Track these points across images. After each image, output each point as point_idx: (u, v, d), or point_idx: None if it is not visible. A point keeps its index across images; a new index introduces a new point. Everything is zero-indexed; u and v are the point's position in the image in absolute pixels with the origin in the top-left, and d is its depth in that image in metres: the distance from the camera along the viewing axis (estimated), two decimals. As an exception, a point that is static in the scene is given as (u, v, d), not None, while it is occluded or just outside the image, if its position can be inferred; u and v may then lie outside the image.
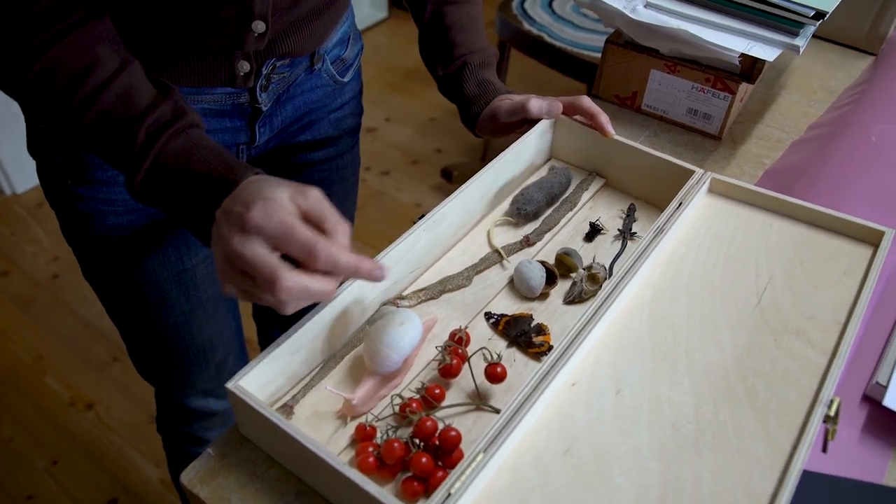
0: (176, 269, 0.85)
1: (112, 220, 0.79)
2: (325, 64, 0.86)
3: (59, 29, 0.58)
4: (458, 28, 0.84)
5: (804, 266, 0.68)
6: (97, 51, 0.60)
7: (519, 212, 0.77)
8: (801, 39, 0.83)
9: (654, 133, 0.95)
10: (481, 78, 0.85)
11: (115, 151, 0.60)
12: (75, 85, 0.58)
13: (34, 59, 0.57)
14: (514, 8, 2.02)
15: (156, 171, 0.60)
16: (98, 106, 0.59)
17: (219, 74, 0.73)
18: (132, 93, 0.60)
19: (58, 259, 2.10)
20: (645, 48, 0.92)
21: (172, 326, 0.89)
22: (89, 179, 0.76)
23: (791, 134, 0.97)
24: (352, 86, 0.93)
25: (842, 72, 1.10)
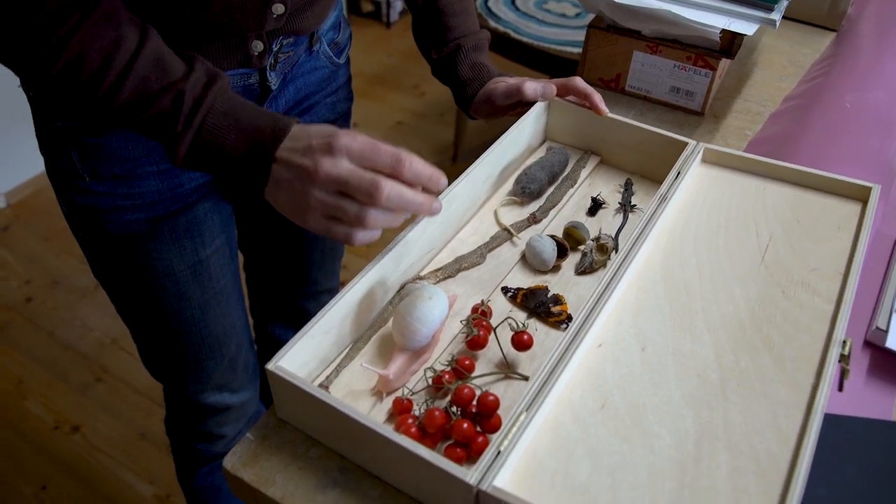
0: (191, 260, 0.86)
1: (130, 215, 0.80)
2: (323, 45, 0.88)
3: (78, 17, 0.58)
4: (450, 12, 0.87)
5: (801, 224, 0.72)
6: (119, 26, 0.60)
7: (523, 191, 0.79)
8: (777, 13, 0.87)
9: (639, 113, 0.98)
10: (475, 61, 0.87)
11: (159, 120, 0.61)
12: (107, 63, 0.59)
13: (60, 50, 0.58)
14: (478, 6, 2.05)
15: (208, 130, 0.62)
16: (134, 78, 0.60)
17: (234, 56, 0.74)
18: (164, 59, 0.62)
19: (30, 282, 2.06)
20: (627, 31, 0.95)
21: (189, 319, 0.89)
22: (108, 175, 0.77)
23: (768, 107, 1.01)
24: (344, 70, 0.96)
25: (807, 48, 1.16)
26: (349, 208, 0.58)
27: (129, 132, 0.74)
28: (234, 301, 0.94)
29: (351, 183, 0.57)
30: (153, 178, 0.78)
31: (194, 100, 0.61)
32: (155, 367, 0.97)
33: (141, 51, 0.60)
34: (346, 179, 0.57)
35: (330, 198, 0.58)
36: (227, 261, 0.91)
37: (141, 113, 0.61)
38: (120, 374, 1.83)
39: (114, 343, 1.90)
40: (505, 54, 1.96)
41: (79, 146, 0.75)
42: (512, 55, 1.94)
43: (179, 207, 0.81)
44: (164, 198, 0.79)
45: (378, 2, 3.24)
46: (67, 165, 0.76)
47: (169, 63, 0.62)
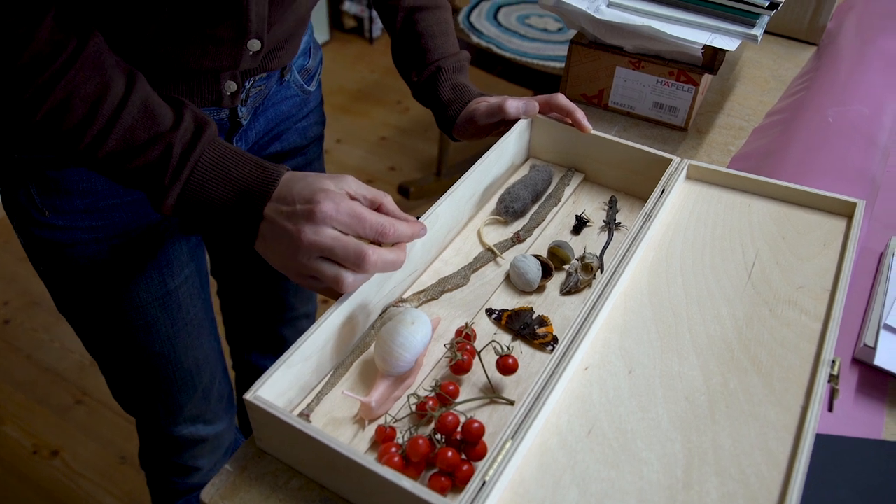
0: (159, 291, 0.84)
1: (93, 248, 0.77)
2: (293, 74, 0.87)
3: (62, 63, 0.57)
4: (430, 34, 0.86)
5: (786, 240, 0.71)
6: (106, 71, 0.59)
7: (507, 210, 0.78)
8: (758, 29, 0.87)
9: (622, 128, 0.98)
10: (456, 82, 0.86)
11: (146, 171, 0.60)
12: (93, 111, 0.58)
13: (44, 97, 0.56)
14: (460, 21, 2.05)
15: (196, 182, 0.61)
16: (121, 127, 0.59)
17: (206, 95, 0.73)
18: (152, 106, 0.61)
19: (7, 304, 2.02)
20: (609, 46, 0.95)
21: (158, 352, 0.87)
22: (69, 209, 0.75)
23: (751, 121, 1.01)
24: (315, 95, 0.95)
25: (789, 62, 1.16)
26: (328, 272, 0.58)
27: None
28: (206, 330, 0.92)
29: (336, 252, 0.58)
30: (118, 210, 0.76)
31: (182, 151, 0.60)
32: (126, 400, 0.95)
33: (129, 98, 0.59)
34: (330, 248, 0.58)
35: (313, 262, 0.58)
36: (198, 290, 0.89)
37: (127, 163, 0.60)
38: (100, 397, 1.80)
39: (93, 364, 1.87)
40: (487, 69, 1.96)
41: (38, 180, 0.73)
42: (494, 70, 1.93)
43: (146, 238, 0.79)
44: (130, 229, 0.78)
45: (360, 17, 3.24)
46: (26, 200, 0.74)
47: (157, 111, 0.61)
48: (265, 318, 1.15)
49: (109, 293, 0.81)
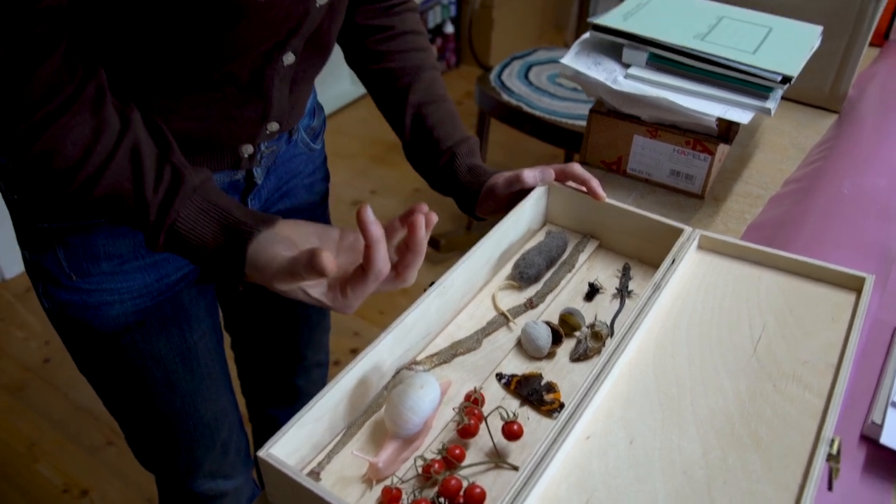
0: (180, 347, 0.87)
1: (118, 309, 0.81)
2: (300, 134, 0.92)
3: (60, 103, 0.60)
4: (439, 125, 0.89)
5: (794, 314, 0.72)
6: (101, 115, 0.62)
7: (521, 276, 0.81)
8: (772, 102, 0.89)
9: (640, 195, 1.00)
10: (470, 164, 0.89)
11: (129, 220, 0.65)
12: (84, 156, 0.61)
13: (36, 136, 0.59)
14: (491, 80, 2.11)
15: (172, 238, 0.65)
16: (107, 179, 0.62)
17: (224, 161, 0.78)
18: (140, 156, 0.64)
19: (49, 343, 2.10)
20: (627, 115, 0.98)
21: (179, 407, 0.90)
22: (95, 272, 0.79)
23: (769, 190, 1.02)
24: (320, 152, 1.00)
25: (809, 129, 1.17)
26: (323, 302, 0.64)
27: (115, 229, 0.77)
28: (224, 385, 0.96)
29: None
30: (140, 271, 0.80)
31: (157, 212, 0.64)
32: (146, 457, 0.97)
33: (119, 145, 0.63)
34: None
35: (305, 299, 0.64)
36: (215, 344, 0.93)
37: (114, 210, 0.65)
38: (131, 438, 1.84)
39: (127, 406, 1.92)
40: (517, 127, 2.00)
41: (65, 246, 0.77)
42: (523, 128, 1.98)
43: (166, 297, 0.83)
44: (151, 289, 0.82)
45: (398, 71, 3.32)
46: (53, 265, 0.78)
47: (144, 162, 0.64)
48: (278, 369, 1.18)
49: (132, 351, 0.84)
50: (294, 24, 0.69)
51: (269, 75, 0.72)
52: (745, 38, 0.97)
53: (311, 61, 0.78)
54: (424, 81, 0.91)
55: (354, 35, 0.92)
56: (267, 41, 0.68)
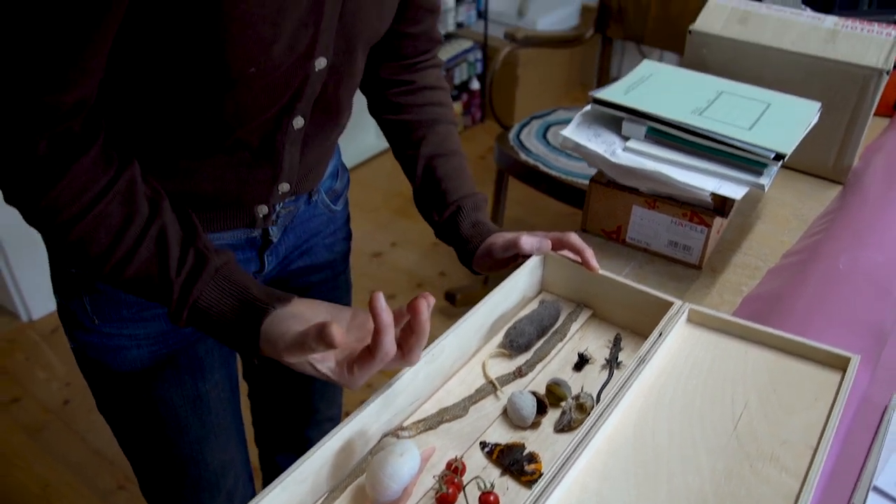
0: (191, 394, 0.91)
1: (135, 353, 0.86)
2: (321, 195, 0.95)
3: (94, 195, 0.65)
4: (448, 178, 0.93)
5: (777, 392, 0.73)
6: (133, 203, 0.68)
7: (512, 344, 0.83)
8: (766, 178, 0.91)
9: (638, 264, 1.02)
10: (474, 219, 0.92)
11: (156, 298, 0.70)
12: (115, 243, 0.66)
13: (74, 224, 0.65)
14: (510, 139, 2.15)
15: (194, 316, 0.69)
16: (136, 263, 0.67)
17: (240, 219, 0.82)
18: (165, 243, 0.69)
19: (70, 384, 2.14)
20: (626, 186, 1.00)
21: (187, 453, 0.93)
22: (115, 318, 0.83)
23: (767, 262, 1.03)
24: (342, 213, 1.03)
25: (813, 200, 1.18)
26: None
27: None
28: (234, 435, 0.98)
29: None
30: (157, 319, 0.84)
31: (180, 293, 0.69)
32: (154, 499, 1.00)
33: (147, 232, 0.68)
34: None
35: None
36: (228, 395, 0.95)
37: (143, 290, 0.70)
38: (142, 484, 1.87)
39: (141, 451, 1.95)
40: (534, 186, 2.03)
41: (90, 292, 0.82)
42: (539, 187, 2.01)
43: (181, 345, 0.87)
44: (167, 337, 0.86)
45: (424, 125, 3.39)
46: (78, 308, 0.83)
47: (170, 248, 0.69)
48: (291, 421, 1.21)
49: (145, 395, 0.88)
50: (295, 90, 0.73)
51: (280, 139, 0.76)
52: (743, 114, 0.99)
53: (322, 125, 0.82)
54: (439, 135, 0.95)
55: (377, 87, 0.96)
56: (270, 107, 0.72)
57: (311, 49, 0.71)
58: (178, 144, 0.73)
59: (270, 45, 0.66)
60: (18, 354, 2.24)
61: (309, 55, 0.71)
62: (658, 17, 2.29)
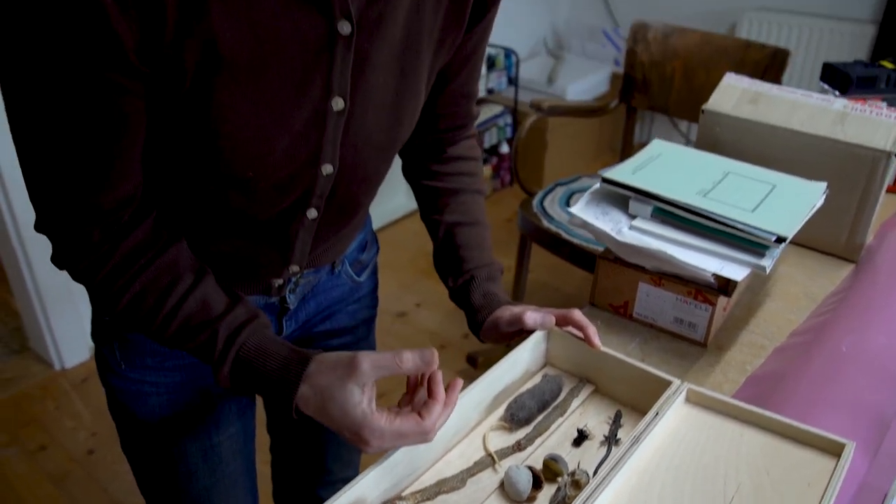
0: (203, 444, 0.96)
1: (155, 400, 0.91)
2: (345, 266, 0.99)
3: (143, 263, 0.72)
4: (467, 246, 0.97)
5: (770, 476, 0.74)
6: (178, 267, 0.74)
7: (512, 417, 0.85)
8: (768, 260, 0.93)
9: (644, 340, 1.03)
10: (486, 290, 0.95)
11: (198, 350, 0.74)
12: (160, 303, 0.73)
13: (124, 291, 0.72)
14: (534, 206, 2.19)
15: (238, 364, 0.74)
16: (181, 316, 0.73)
17: (257, 287, 0.87)
18: (209, 300, 0.75)
19: (95, 434, 2.19)
20: (632, 263, 1.03)
21: (195, 499, 0.98)
22: (140, 365, 0.89)
23: (774, 341, 1.04)
24: (367, 283, 1.07)
25: (824, 279, 1.19)
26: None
27: None
28: (244, 485, 1.02)
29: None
30: (180, 370, 0.90)
31: (226, 338, 0.74)
32: None
33: (191, 294, 0.74)
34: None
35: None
36: (240, 447, 0.99)
37: (186, 343, 0.75)
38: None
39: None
40: (555, 252, 2.06)
41: (120, 339, 0.88)
42: (562, 254, 2.04)
43: (199, 396, 0.92)
44: (186, 387, 0.91)
45: (453, 187, 3.46)
46: (109, 354, 0.90)
47: (213, 304, 0.75)
48: (305, 478, 1.23)
49: (161, 440, 0.94)
50: (304, 190, 0.77)
51: (294, 228, 0.81)
52: (748, 196, 1.01)
53: (337, 217, 0.86)
54: (464, 204, 1.00)
55: (411, 153, 1.01)
56: (281, 202, 0.77)
57: (314, 158, 0.74)
58: (194, 223, 0.79)
59: (265, 157, 0.71)
60: (49, 402, 2.31)
61: (313, 163, 0.75)
62: (681, 89, 2.34)
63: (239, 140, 0.68)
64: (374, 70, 0.73)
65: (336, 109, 0.72)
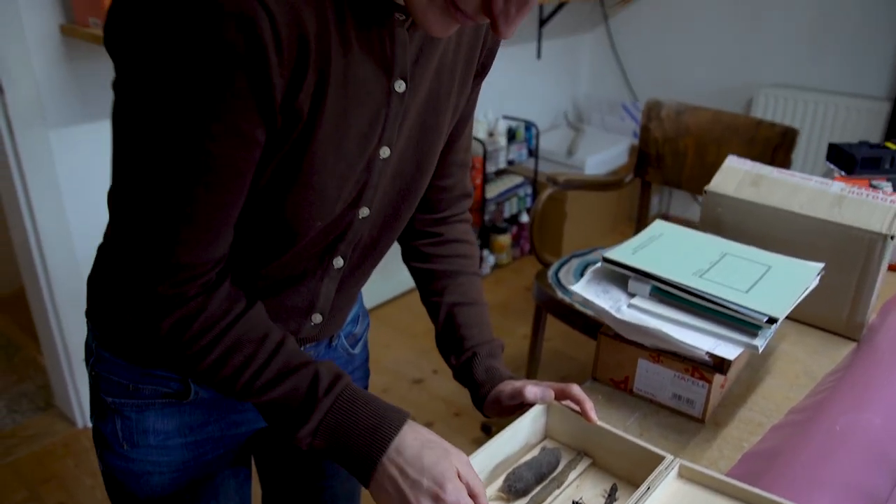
0: None
1: (157, 480, 0.94)
2: (341, 340, 1.05)
3: (230, 320, 0.76)
4: (467, 325, 1.02)
5: (757, 554, 0.76)
6: (267, 319, 0.79)
7: (510, 489, 0.88)
8: (760, 340, 0.97)
9: (643, 415, 1.06)
10: (488, 366, 1.00)
11: (291, 394, 0.77)
12: (256, 351, 0.77)
13: (218, 341, 0.75)
14: (549, 277, 2.24)
15: (342, 401, 0.78)
16: (279, 361, 0.77)
17: None
18: (294, 356, 0.79)
19: (115, 496, 2.22)
20: (632, 340, 1.07)
21: None
22: (142, 444, 0.92)
23: (772, 418, 1.07)
24: (360, 355, 1.12)
25: (824, 357, 1.22)
26: None
27: (166, 410, 0.90)
28: None
29: None
30: (181, 448, 0.93)
31: (330, 382, 0.78)
32: None
33: (286, 338, 0.79)
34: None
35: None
36: None
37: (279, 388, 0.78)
38: None
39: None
40: (568, 323, 2.10)
41: (123, 418, 0.91)
42: (576, 325, 2.07)
43: (201, 474, 0.95)
44: (189, 466, 0.94)
45: (473, 254, 3.52)
46: (110, 434, 0.92)
47: (300, 359, 0.79)
48: None
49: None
50: (339, 233, 0.84)
51: (320, 275, 0.87)
52: (743, 277, 1.06)
53: (359, 265, 0.92)
54: (462, 285, 1.05)
55: (409, 237, 1.07)
56: (317, 247, 0.83)
57: (357, 200, 0.82)
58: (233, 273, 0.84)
59: (333, 204, 0.78)
60: (70, 460, 2.35)
61: (355, 205, 0.82)
62: (694, 165, 2.40)
63: (320, 188, 0.75)
64: (408, 123, 0.83)
65: (382, 157, 0.81)
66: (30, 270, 2.24)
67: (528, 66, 3.76)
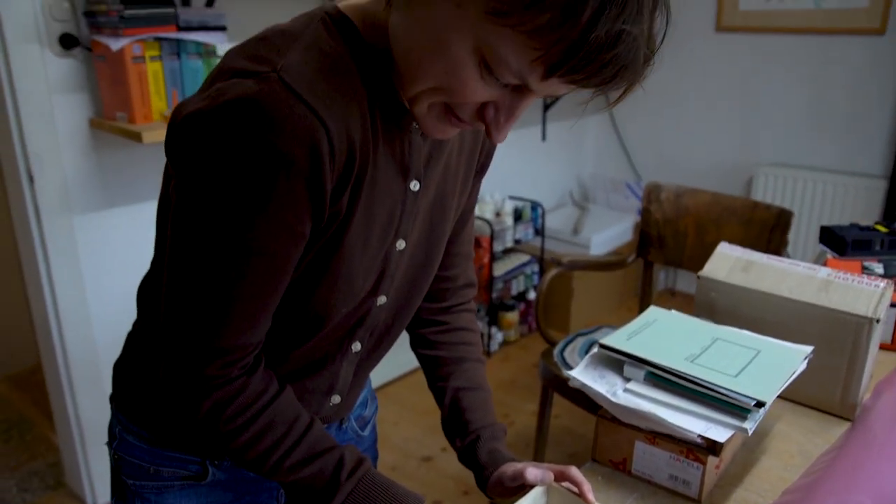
0: None
1: None
2: (351, 422, 1.10)
3: (267, 401, 0.82)
4: (471, 409, 1.07)
5: None
6: (297, 402, 0.84)
7: (510, 569, 0.92)
8: (749, 423, 1.01)
9: (641, 496, 1.10)
10: (491, 448, 1.05)
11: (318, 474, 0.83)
12: (287, 432, 0.82)
13: (253, 421, 0.81)
14: (554, 355, 2.28)
15: (366, 481, 0.84)
16: (307, 442, 0.83)
17: None
18: (322, 439, 0.84)
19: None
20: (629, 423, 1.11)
21: None
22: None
23: (767, 498, 1.10)
24: (369, 437, 1.17)
25: (819, 437, 1.25)
26: None
27: (185, 492, 0.96)
28: None
29: None
30: None
31: (353, 466, 0.84)
32: None
33: (313, 425, 0.85)
34: None
35: None
36: None
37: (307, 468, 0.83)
38: None
39: None
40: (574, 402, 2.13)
41: (143, 501, 0.97)
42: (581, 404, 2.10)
43: None
44: None
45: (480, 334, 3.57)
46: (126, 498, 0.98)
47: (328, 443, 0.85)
48: None
49: None
50: (358, 319, 0.90)
51: (339, 359, 0.94)
52: (733, 361, 1.11)
53: (375, 349, 0.99)
54: (466, 371, 1.11)
55: (416, 325, 1.14)
56: (339, 332, 0.90)
57: (376, 288, 0.90)
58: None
59: (357, 293, 0.86)
60: (81, 541, 2.36)
61: (374, 292, 0.90)
62: (694, 245, 2.47)
63: (348, 278, 0.83)
64: (420, 217, 0.90)
65: (399, 249, 0.89)
66: (48, 348, 2.31)
67: (533, 148, 3.89)
